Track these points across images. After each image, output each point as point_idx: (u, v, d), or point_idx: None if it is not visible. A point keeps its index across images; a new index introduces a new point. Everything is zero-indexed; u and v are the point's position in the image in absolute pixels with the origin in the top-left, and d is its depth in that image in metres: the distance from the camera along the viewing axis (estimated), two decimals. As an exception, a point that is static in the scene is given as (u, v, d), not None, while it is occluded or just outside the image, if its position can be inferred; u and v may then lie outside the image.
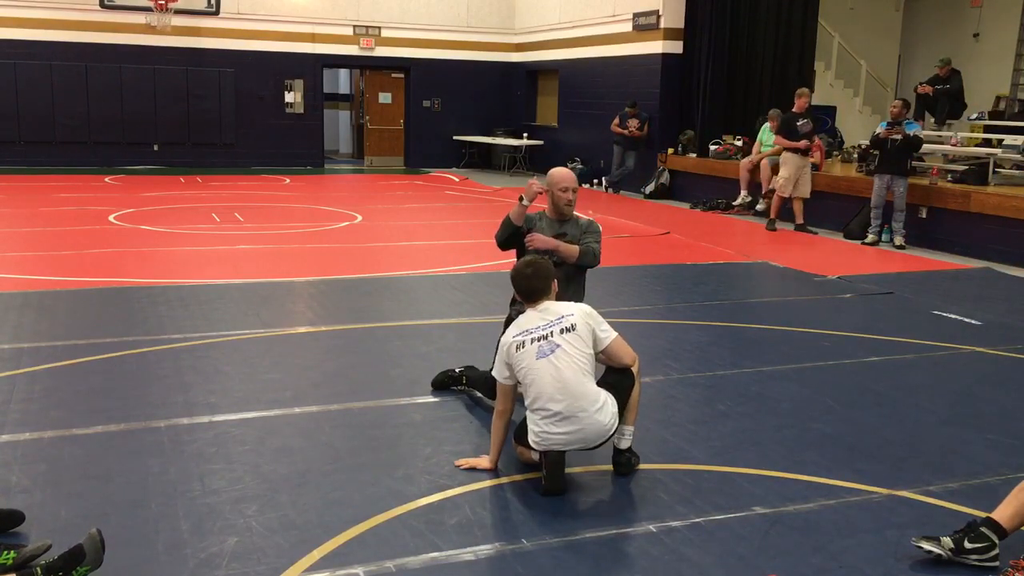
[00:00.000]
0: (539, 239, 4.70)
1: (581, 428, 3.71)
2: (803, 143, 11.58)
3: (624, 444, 3.97)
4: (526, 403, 3.86)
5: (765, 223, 12.04)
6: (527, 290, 3.96)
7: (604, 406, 3.76)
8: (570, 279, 4.77)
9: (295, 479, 3.88)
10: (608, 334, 3.89)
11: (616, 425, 3.81)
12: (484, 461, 4.00)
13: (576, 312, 3.88)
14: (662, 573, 3.19)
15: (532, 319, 3.89)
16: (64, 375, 5.20)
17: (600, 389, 3.81)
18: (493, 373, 3.99)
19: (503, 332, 4.10)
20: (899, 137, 10.46)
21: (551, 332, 3.80)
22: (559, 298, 4.20)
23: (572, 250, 4.76)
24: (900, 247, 10.58)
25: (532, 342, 3.79)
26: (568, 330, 3.80)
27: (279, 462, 4.05)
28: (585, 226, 4.90)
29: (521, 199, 4.70)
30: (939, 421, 4.84)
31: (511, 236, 4.79)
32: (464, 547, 3.32)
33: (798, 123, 11.68)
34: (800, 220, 11.75)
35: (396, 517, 3.55)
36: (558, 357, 3.74)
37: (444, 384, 5.06)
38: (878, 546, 3.39)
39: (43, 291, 7.28)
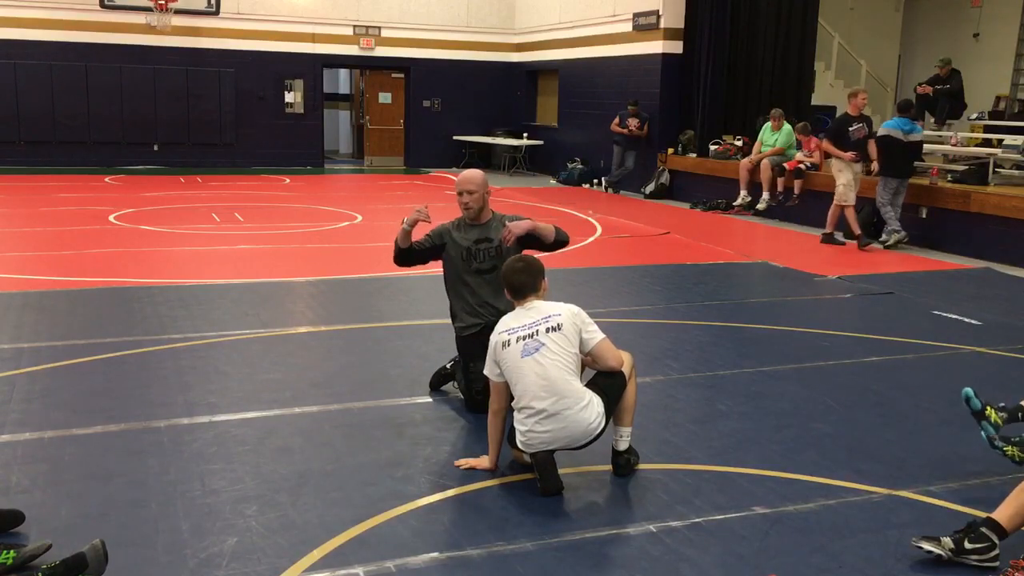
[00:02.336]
0: (517, 228, 4.61)
1: (566, 426, 3.71)
2: (849, 155, 10.42)
3: (622, 446, 3.97)
4: (512, 403, 3.87)
5: (857, 242, 10.50)
6: (516, 286, 3.93)
7: (589, 405, 3.75)
8: None
9: (295, 479, 3.88)
10: (594, 336, 3.87)
11: (603, 425, 3.79)
12: (484, 461, 4.00)
13: (563, 312, 3.87)
14: (662, 573, 3.19)
15: (518, 317, 3.89)
16: (64, 375, 5.20)
17: (586, 388, 3.81)
18: (484, 372, 3.98)
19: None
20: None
21: (536, 331, 3.79)
22: (503, 300, 4.30)
23: (543, 225, 4.73)
24: (887, 247, 10.50)
25: (517, 340, 3.79)
26: (554, 329, 3.79)
27: (279, 462, 4.05)
28: (512, 218, 4.78)
29: (403, 221, 4.65)
30: (939, 421, 4.84)
31: (406, 253, 4.77)
32: (464, 547, 3.32)
33: (851, 127, 10.55)
34: (830, 228, 10.81)
35: (396, 517, 3.55)
36: (543, 355, 3.73)
37: (440, 383, 5.06)
38: (878, 546, 3.39)
39: (43, 291, 7.28)
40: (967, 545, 3.21)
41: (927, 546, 3.25)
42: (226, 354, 5.71)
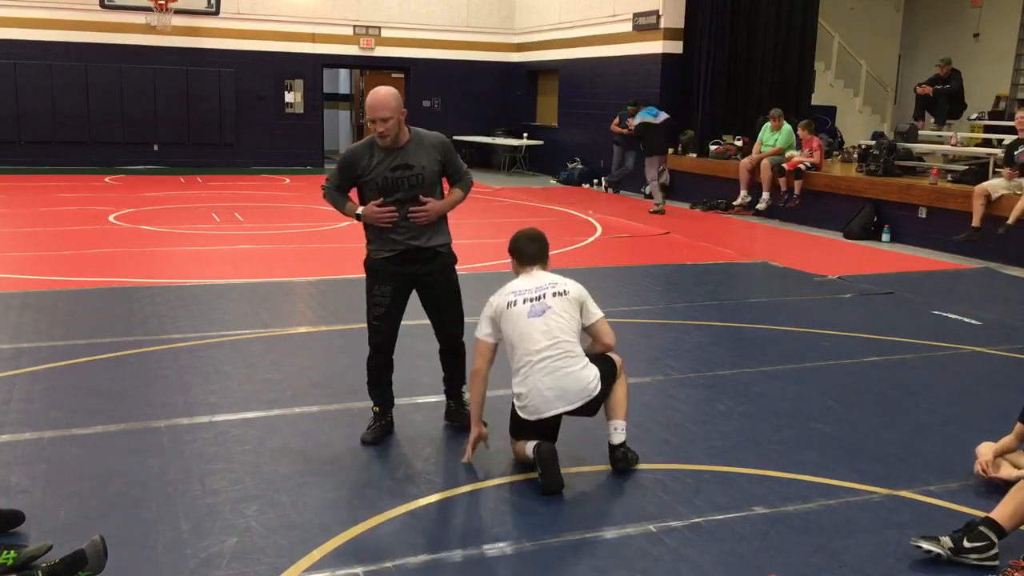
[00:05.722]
0: (430, 212, 4.19)
1: (566, 383, 3.82)
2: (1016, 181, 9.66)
3: (617, 438, 3.98)
4: (513, 365, 3.90)
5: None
6: (530, 253, 4.05)
7: (588, 366, 3.89)
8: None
9: (295, 479, 3.88)
10: (596, 312, 4.02)
11: (599, 388, 3.89)
12: (474, 432, 4.03)
13: (569, 282, 4.02)
14: (662, 573, 3.19)
15: (524, 283, 4.00)
16: (64, 375, 5.20)
17: (584, 355, 3.94)
18: (476, 333, 4.02)
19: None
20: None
21: (544, 294, 3.91)
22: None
23: (455, 199, 4.36)
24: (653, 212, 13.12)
25: (524, 302, 3.90)
26: (560, 294, 3.93)
27: (279, 462, 4.05)
28: (434, 146, 4.30)
29: (358, 216, 4.27)
30: (939, 421, 4.84)
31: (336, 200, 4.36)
32: (464, 547, 3.32)
33: (1016, 151, 9.78)
34: None
35: (396, 517, 3.55)
36: (549, 317, 3.86)
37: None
38: (878, 546, 3.39)
39: (43, 291, 7.28)
40: (966, 544, 3.21)
41: (926, 546, 3.25)
42: (226, 354, 5.71)
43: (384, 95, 4.15)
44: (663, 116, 13.57)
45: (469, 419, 4.24)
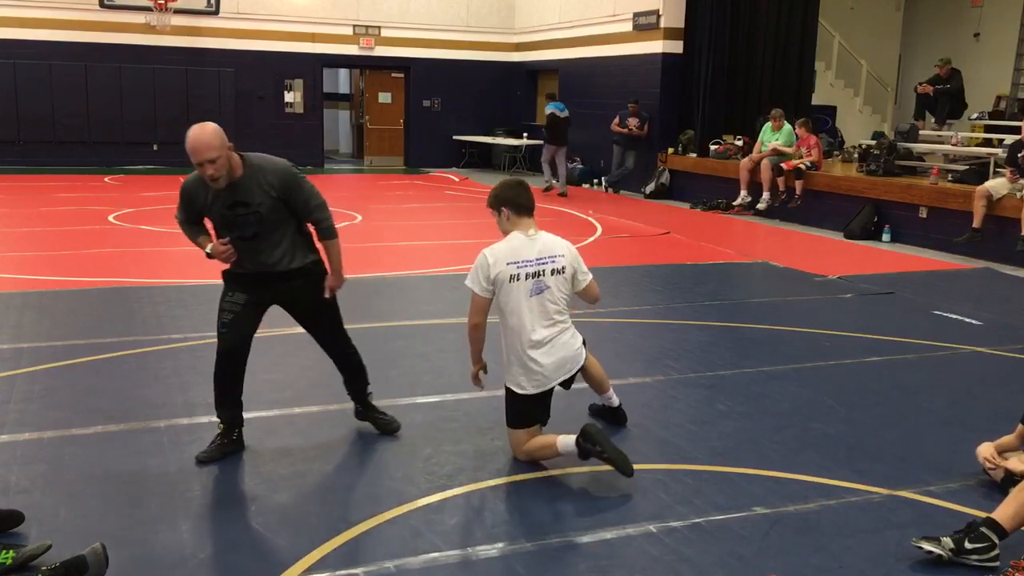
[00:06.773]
0: (335, 288, 4.18)
1: (564, 353, 4.03)
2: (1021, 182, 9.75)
3: (616, 402, 4.53)
4: (507, 339, 4.00)
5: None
6: (526, 204, 4.10)
7: (575, 334, 4.15)
8: (283, 235, 4.12)
9: (295, 479, 3.88)
10: (587, 276, 4.16)
11: (584, 352, 4.18)
12: (476, 368, 4.14)
13: (567, 255, 4.09)
14: (662, 573, 3.19)
15: (524, 247, 4.00)
16: (64, 375, 5.20)
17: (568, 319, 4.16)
18: (469, 284, 4.01)
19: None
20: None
21: (543, 270, 4.00)
22: (273, 257, 4.11)
23: (338, 253, 4.19)
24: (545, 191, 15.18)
25: (526, 277, 3.96)
26: (558, 272, 4.03)
27: (279, 462, 4.05)
28: (271, 183, 3.99)
29: (208, 254, 4.19)
30: (939, 421, 4.84)
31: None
32: (464, 547, 3.32)
33: (1019, 153, 9.84)
34: None
35: (396, 517, 3.55)
36: (545, 297, 3.99)
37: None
38: (878, 546, 3.39)
39: (43, 291, 7.28)
40: (967, 545, 3.21)
41: (927, 546, 3.25)
42: (226, 354, 5.69)
43: (205, 134, 3.75)
44: (566, 112, 15.63)
45: (384, 425, 4.43)
